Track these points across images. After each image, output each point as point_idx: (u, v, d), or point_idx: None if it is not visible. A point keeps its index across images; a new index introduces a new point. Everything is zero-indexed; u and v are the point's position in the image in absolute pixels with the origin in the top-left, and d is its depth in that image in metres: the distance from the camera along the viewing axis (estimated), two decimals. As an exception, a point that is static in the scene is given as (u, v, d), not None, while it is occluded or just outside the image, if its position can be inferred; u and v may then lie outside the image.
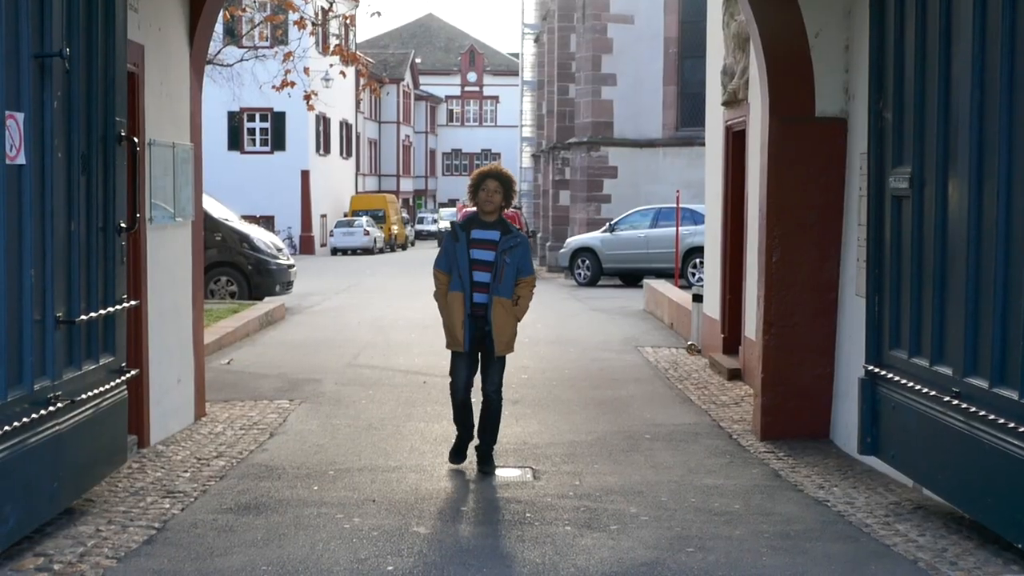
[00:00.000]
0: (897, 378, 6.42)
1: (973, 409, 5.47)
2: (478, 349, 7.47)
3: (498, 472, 7.45)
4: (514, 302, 7.42)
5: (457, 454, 7.68)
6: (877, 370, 6.72)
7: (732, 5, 11.53)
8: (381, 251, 48.85)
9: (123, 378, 6.61)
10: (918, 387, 6.12)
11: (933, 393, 5.93)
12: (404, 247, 54.94)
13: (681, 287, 19.68)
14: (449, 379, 7.62)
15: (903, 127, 6.46)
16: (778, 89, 8.45)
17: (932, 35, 6.03)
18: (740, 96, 11.28)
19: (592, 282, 26.09)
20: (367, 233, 47.50)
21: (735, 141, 11.78)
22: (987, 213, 5.38)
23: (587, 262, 26.27)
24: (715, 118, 12.85)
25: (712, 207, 13.31)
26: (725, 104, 11.97)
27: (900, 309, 6.47)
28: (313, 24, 18.79)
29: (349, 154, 56.48)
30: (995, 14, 5.29)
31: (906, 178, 6.33)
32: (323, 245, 49.20)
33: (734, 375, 11.20)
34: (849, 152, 8.23)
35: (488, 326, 7.35)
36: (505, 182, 7.56)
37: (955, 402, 5.67)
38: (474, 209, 7.66)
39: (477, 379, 7.54)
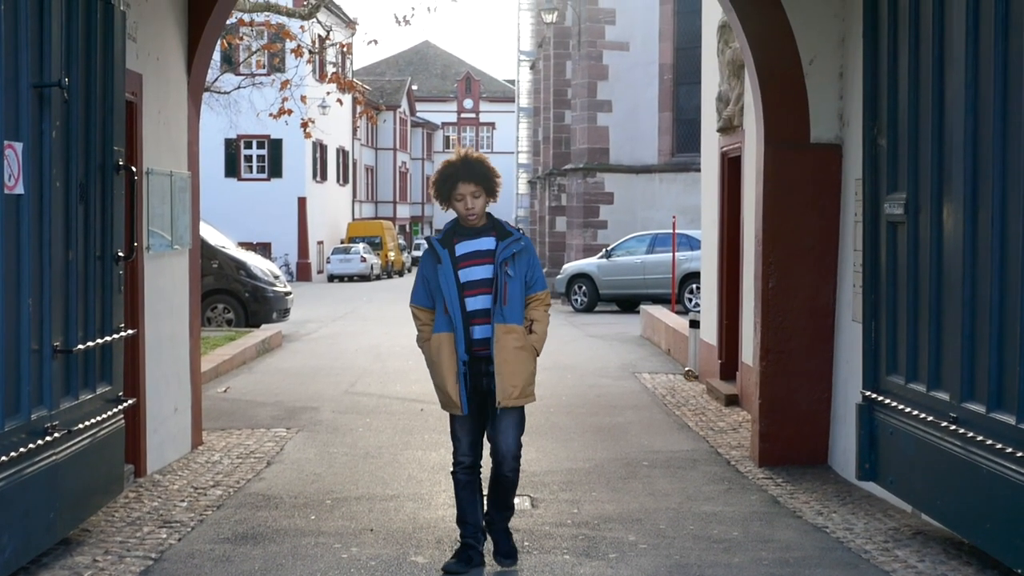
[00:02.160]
0: (895, 404, 6.42)
1: (971, 434, 5.47)
2: (484, 402, 5.78)
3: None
4: (527, 329, 5.72)
5: (461, 562, 5.76)
6: (874, 396, 6.72)
7: (727, 32, 11.59)
8: (378, 277, 48.84)
9: (120, 407, 6.60)
10: (916, 412, 6.12)
11: (931, 418, 5.93)
12: (401, 273, 54.93)
13: (678, 313, 19.68)
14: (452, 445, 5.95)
15: (897, 153, 6.49)
16: (773, 116, 8.48)
17: (925, 62, 6.06)
18: (735, 122, 11.33)
19: (589, 308, 26.10)
20: (364, 260, 47.51)
21: (731, 167, 11.81)
22: (982, 239, 5.40)
23: (584, 288, 26.28)
24: (710, 144, 12.90)
25: (708, 233, 13.33)
26: (720, 130, 12.01)
27: (897, 335, 6.48)
28: (310, 52, 18.87)
29: (346, 181, 56.57)
30: (987, 41, 5.32)
31: (901, 204, 6.35)
32: (320, 272, 49.20)
33: (732, 401, 11.19)
34: (844, 178, 8.26)
35: (492, 367, 5.64)
36: (482, 176, 5.73)
37: (953, 427, 5.67)
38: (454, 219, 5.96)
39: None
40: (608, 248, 27.07)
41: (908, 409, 6.22)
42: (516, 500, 6.20)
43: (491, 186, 5.79)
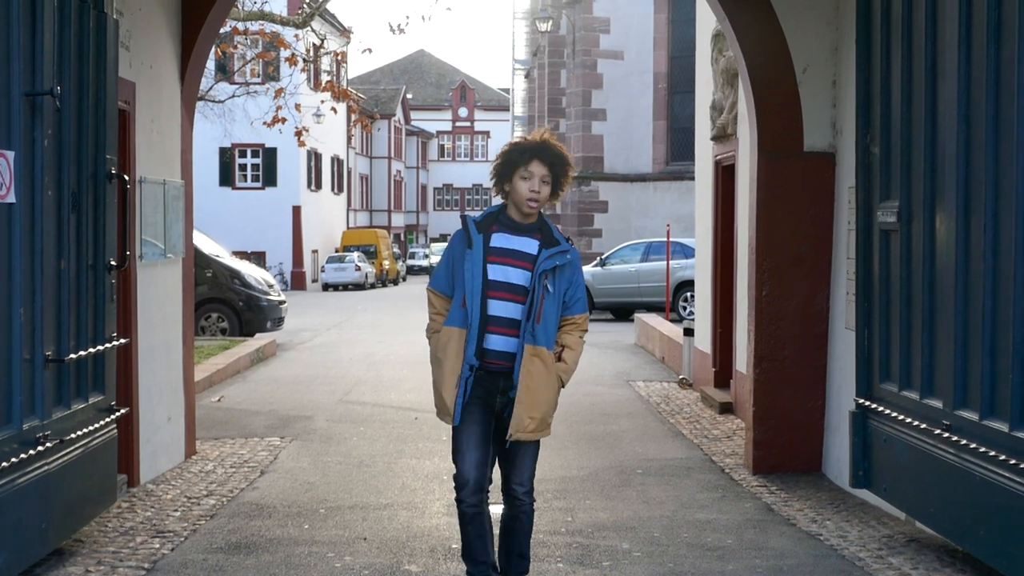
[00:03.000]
0: (888, 411, 6.43)
1: (964, 442, 5.47)
2: (492, 422, 5.06)
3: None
4: (557, 356, 5.06)
5: None
6: (868, 403, 6.73)
7: (721, 41, 11.61)
8: (372, 286, 48.83)
9: (113, 417, 6.59)
10: (909, 420, 6.12)
11: (924, 426, 5.93)
12: (396, 282, 54.94)
13: (672, 321, 19.69)
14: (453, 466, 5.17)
15: (890, 162, 6.50)
16: (766, 124, 8.50)
17: (918, 71, 6.07)
18: (729, 131, 11.34)
19: (583, 316, 26.06)
20: (358, 268, 47.51)
21: (725, 175, 11.83)
22: (974, 246, 5.41)
23: (578, 296, 26.24)
24: (704, 153, 12.91)
25: (702, 241, 13.35)
26: (714, 139, 12.03)
27: (890, 342, 6.49)
28: (304, 61, 18.89)
29: (340, 189, 56.57)
30: (980, 50, 5.33)
31: (894, 212, 6.36)
32: (314, 281, 49.19)
33: (726, 409, 11.19)
34: (837, 186, 8.27)
35: (512, 391, 4.96)
36: (560, 165, 5.04)
37: (946, 435, 5.67)
38: (497, 202, 5.20)
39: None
40: (602, 256, 27.08)
41: (901, 417, 6.22)
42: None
43: (561, 181, 5.07)
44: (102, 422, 6.39)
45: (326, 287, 47.17)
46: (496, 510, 5.23)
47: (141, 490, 7.76)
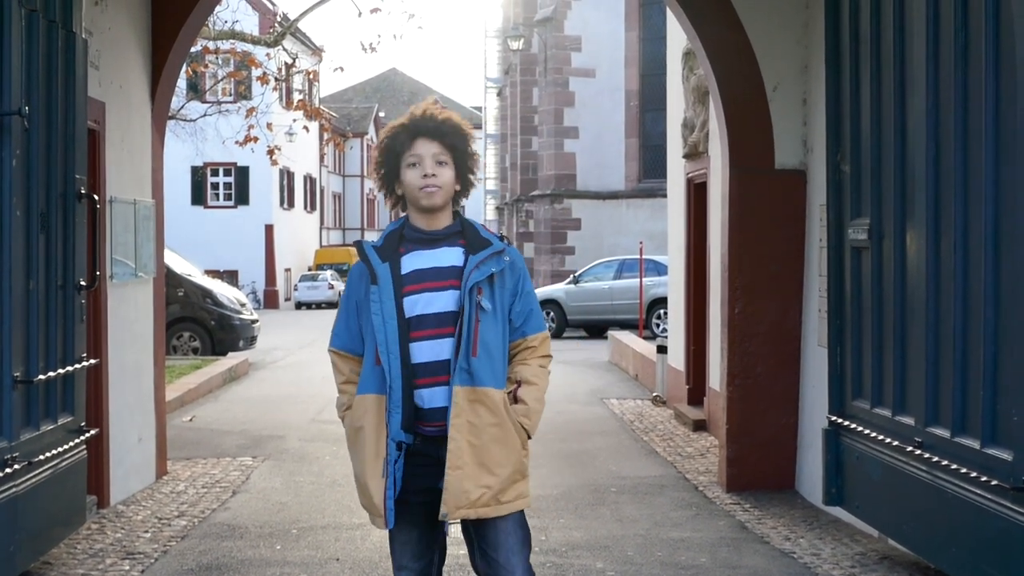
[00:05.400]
0: (860, 428, 6.44)
1: (935, 459, 5.49)
2: (432, 510, 3.72)
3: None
4: (512, 396, 3.75)
5: None
6: (840, 420, 6.74)
7: (692, 59, 11.66)
8: (345, 305, 48.62)
9: (82, 438, 6.53)
10: (881, 437, 6.14)
11: (896, 443, 5.95)
12: (369, 300, 54.74)
13: (646, 338, 19.72)
14: None
15: (860, 179, 6.54)
16: (737, 142, 8.53)
17: (887, 89, 6.11)
18: (701, 149, 11.39)
19: (557, 334, 26.10)
20: (331, 287, 47.36)
21: (697, 193, 11.86)
22: (944, 264, 5.43)
23: (552, 314, 26.30)
24: (676, 170, 12.95)
25: (675, 258, 13.38)
26: (686, 156, 12.07)
27: (862, 360, 6.51)
28: (276, 79, 18.85)
29: (313, 208, 56.47)
30: (947, 68, 5.37)
31: (865, 230, 6.39)
32: (287, 299, 49.03)
33: (699, 426, 11.20)
34: (809, 204, 8.31)
35: (442, 459, 3.64)
36: (451, 135, 3.79)
37: (918, 452, 5.68)
38: (400, 217, 3.93)
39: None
40: (576, 274, 27.13)
41: (874, 434, 6.24)
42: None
43: (463, 156, 3.80)
44: (71, 443, 6.33)
45: (299, 305, 47.01)
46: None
47: (111, 511, 7.69)
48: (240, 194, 47.40)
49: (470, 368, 3.63)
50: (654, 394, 13.63)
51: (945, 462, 5.39)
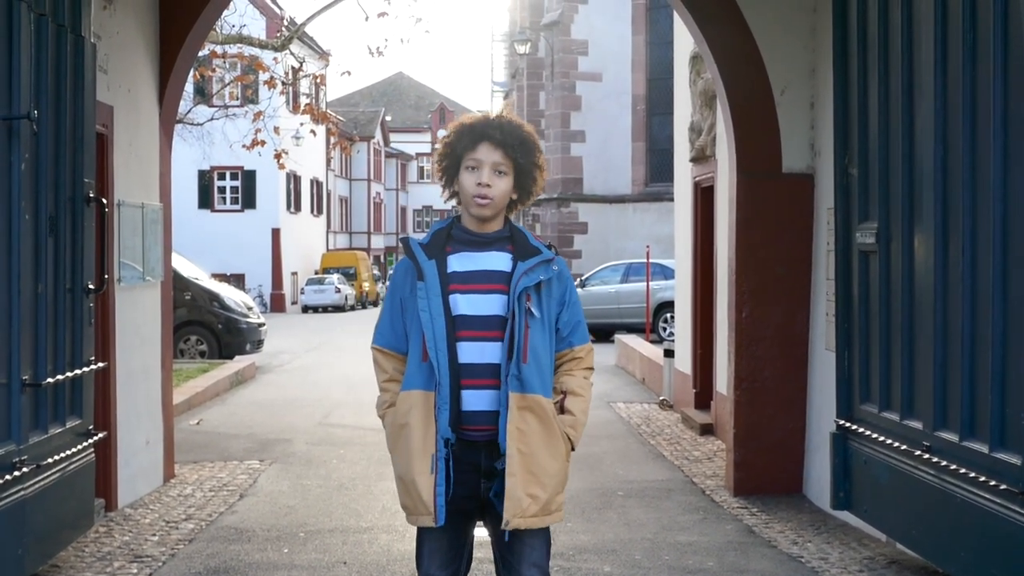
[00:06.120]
0: (868, 432, 6.43)
1: (944, 463, 5.48)
2: (474, 515, 3.81)
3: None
4: (559, 406, 3.78)
5: None
6: (848, 424, 6.73)
7: (699, 63, 11.66)
8: (352, 308, 48.72)
9: (90, 441, 6.54)
10: (889, 441, 6.13)
11: (904, 447, 5.94)
12: (375, 304, 54.81)
13: (652, 342, 19.70)
14: None
15: (868, 183, 6.53)
16: (745, 145, 8.53)
17: (895, 92, 6.11)
18: (708, 152, 11.38)
19: (564, 337, 26.08)
20: (338, 290, 47.42)
21: (703, 196, 11.86)
22: (952, 268, 5.43)
23: (558, 317, 26.26)
24: (683, 174, 12.95)
25: (682, 262, 13.37)
26: (693, 160, 12.07)
27: (870, 363, 6.50)
28: (283, 83, 18.87)
29: (320, 212, 56.53)
30: (955, 71, 5.37)
31: (872, 233, 6.38)
32: (294, 303, 49.07)
33: (706, 430, 11.19)
34: (816, 207, 8.30)
35: (501, 461, 3.63)
36: (517, 146, 3.72)
37: (926, 456, 5.67)
38: (449, 216, 3.89)
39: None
40: (582, 278, 27.11)
41: (882, 438, 6.23)
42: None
43: (526, 168, 3.74)
44: (80, 446, 6.34)
45: (306, 309, 47.04)
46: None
47: (119, 514, 7.70)
48: (247, 198, 47.47)
49: (520, 374, 3.61)
50: (661, 398, 13.62)
51: (953, 466, 5.38)
